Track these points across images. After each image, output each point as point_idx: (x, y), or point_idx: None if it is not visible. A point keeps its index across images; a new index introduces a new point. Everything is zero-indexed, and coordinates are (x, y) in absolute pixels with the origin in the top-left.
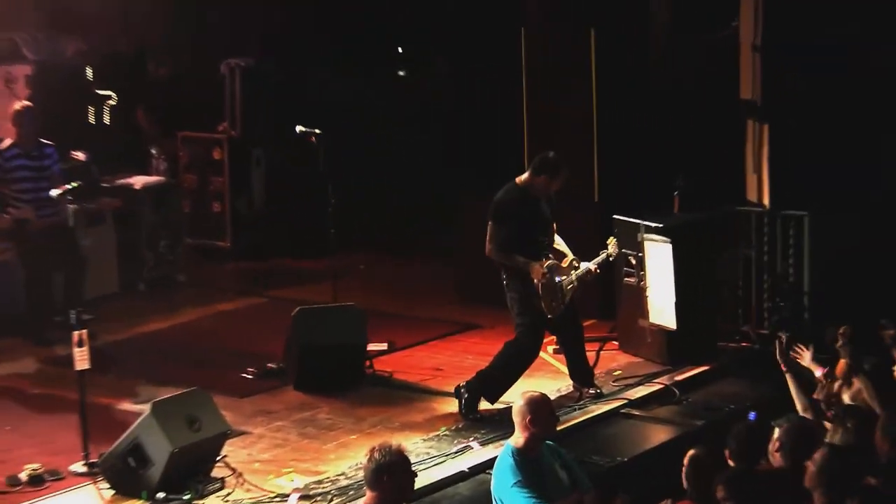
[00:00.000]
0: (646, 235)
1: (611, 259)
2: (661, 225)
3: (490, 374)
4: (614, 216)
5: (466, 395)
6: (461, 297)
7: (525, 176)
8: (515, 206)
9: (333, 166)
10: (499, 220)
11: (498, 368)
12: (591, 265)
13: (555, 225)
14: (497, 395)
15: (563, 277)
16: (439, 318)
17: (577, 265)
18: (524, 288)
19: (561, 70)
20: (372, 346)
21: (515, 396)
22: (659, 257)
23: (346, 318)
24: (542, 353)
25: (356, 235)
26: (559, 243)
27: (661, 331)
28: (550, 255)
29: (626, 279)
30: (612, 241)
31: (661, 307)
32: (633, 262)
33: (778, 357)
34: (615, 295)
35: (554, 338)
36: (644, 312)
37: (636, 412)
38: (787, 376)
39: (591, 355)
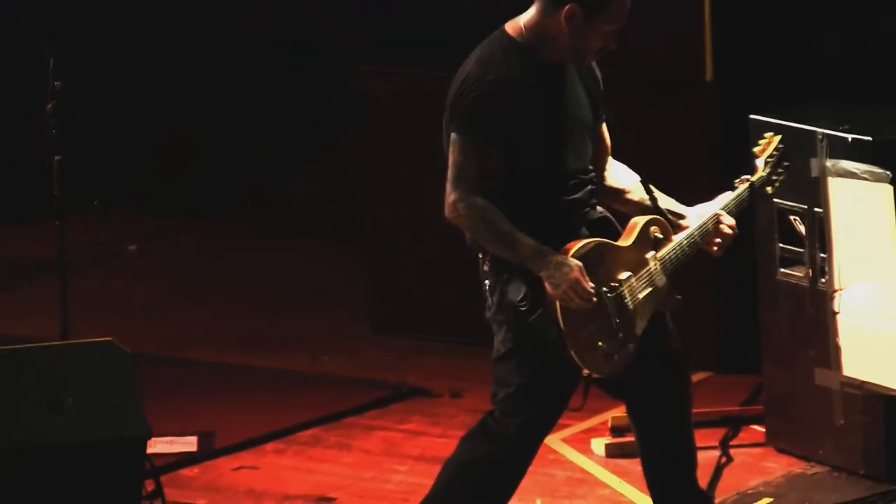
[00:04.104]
0: (833, 164)
1: (767, 187)
2: (870, 138)
3: None
4: (752, 116)
5: None
6: (381, 326)
7: (528, 16)
8: (512, 91)
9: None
10: (472, 129)
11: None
12: (718, 209)
13: (607, 136)
14: None
15: (627, 279)
16: (325, 372)
17: (667, 229)
18: (531, 299)
19: None
20: (162, 446)
21: None
22: (866, 218)
23: (95, 373)
24: (575, 454)
25: (116, 171)
26: (619, 178)
27: (874, 398)
28: (599, 213)
29: (783, 270)
30: (768, 142)
31: (873, 339)
32: (801, 227)
33: None
34: (756, 307)
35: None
36: (829, 353)
37: None
38: None
39: (704, 460)
